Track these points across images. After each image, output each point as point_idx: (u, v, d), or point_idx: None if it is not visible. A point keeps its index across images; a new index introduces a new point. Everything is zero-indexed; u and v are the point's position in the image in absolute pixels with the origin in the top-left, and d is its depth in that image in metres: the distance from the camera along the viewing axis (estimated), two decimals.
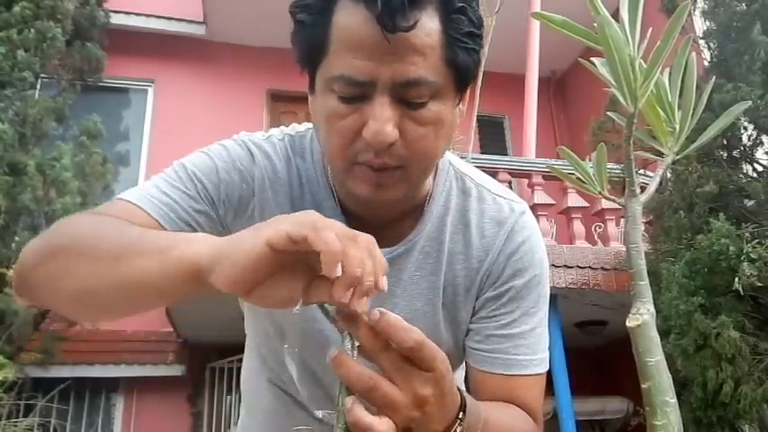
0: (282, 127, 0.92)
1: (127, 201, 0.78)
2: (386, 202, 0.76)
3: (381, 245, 0.86)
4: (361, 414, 0.54)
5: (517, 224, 0.88)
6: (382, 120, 0.68)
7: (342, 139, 0.71)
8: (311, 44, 0.71)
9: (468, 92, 0.78)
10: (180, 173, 0.82)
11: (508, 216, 0.88)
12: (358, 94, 0.69)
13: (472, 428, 0.64)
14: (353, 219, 0.85)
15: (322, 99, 0.73)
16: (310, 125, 0.91)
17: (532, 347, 0.86)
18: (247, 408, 1.10)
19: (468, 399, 0.65)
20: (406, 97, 0.69)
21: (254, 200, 0.85)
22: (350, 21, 0.67)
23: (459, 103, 0.77)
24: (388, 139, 0.68)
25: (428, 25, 0.67)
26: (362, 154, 0.71)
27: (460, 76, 0.72)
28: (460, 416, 0.62)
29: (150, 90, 7.69)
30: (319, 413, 0.91)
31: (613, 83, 0.48)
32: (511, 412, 0.83)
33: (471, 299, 0.89)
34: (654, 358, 0.54)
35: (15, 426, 4.28)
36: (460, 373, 1.03)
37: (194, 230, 0.78)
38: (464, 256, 0.88)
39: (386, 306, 0.57)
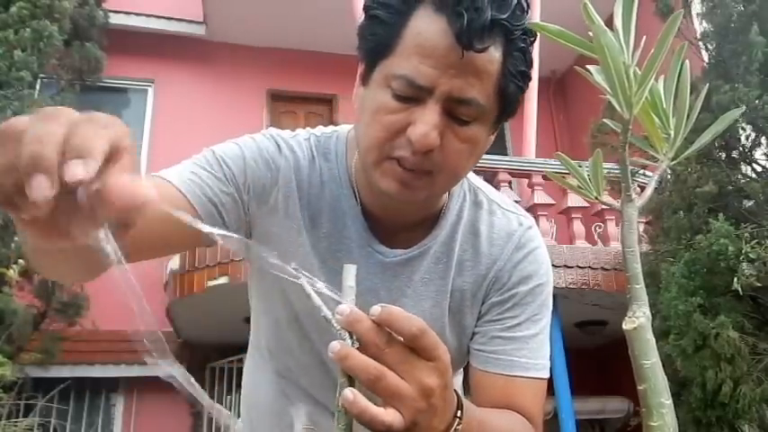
0: (309, 128, 0.96)
1: (160, 177, 0.81)
2: (405, 202, 0.80)
3: (398, 246, 0.90)
4: (366, 404, 0.54)
5: (524, 236, 0.93)
6: (431, 125, 0.72)
7: (384, 132, 0.74)
8: (381, 40, 0.75)
9: (499, 126, 0.82)
10: (209, 157, 0.86)
11: (516, 229, 0.93)
12: (413, 96, 0.73)
13: (469, 429, 0.65)
14: (373, 220, 0.89)
15: (375, 92, 0.76)
16: (336, 128, 0.95)
17: (534, 352, 0.89)
18: (247, 408, 1.11)
19: (464, 398, 0.66)
20: (455, 112, 0.73)
21: (276, 189, 0.88)
22: (427, 28, 0.71)
23: (492, 133, 0.82)
24: (432, 143, 0.72)
25: (493, 54, 0.72)
26: (399, 150, 0.74)
27: (505, 107, 0.77)
28: (458, 414, 0.63)
29: (150, 90, 7.70)
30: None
31: (609, 90, 0.49)
32: (509, 417, 0.84)
33: (477, 303, 0.92)
34: (650, 360, 0.55)
35: (15, 426, 4.29)
36: (459, 378, 1.05)
37: (219, 210, 0.82)
38: (473, 263, 0.92)
39: (395, 305, 0.57)
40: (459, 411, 0.63)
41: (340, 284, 0.59)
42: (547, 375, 0.90)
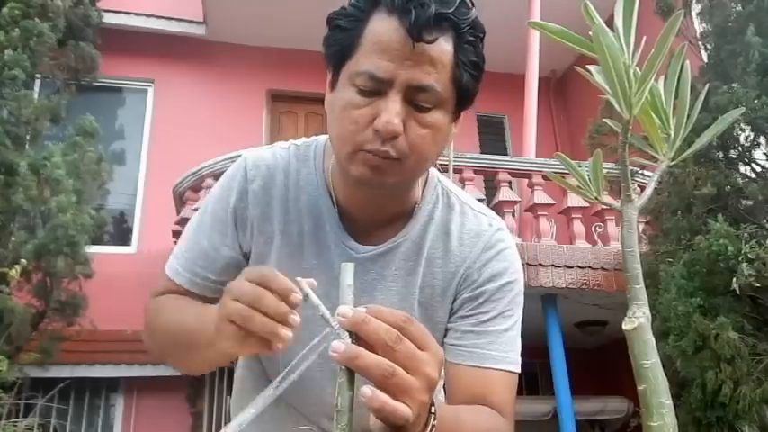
0: (292, 140, 1.03)
1: (171, 279, 0.98)
2: (379, 188, 0.85)
3: (371, 243, 0.95)
4: (386, 398, 0.56)
5: (494, 237, 0.98)
6: (393, 113, 0.79)
7: (354, 125, 0.81)
8: (343, 44, 0.83)
9: (460, 117, 0.90)
10: (199, 223, 0.99)
11: (486, 230, 0.99)
12: (376, 89, 0.80)
13: (444, 423, 0.67)
14: (348, 219, 0.95)
15: (342, 92, 0.83)
16: (317, 137, 1.02)
17: (505, 346, 0.93)
18: (236, 409, 1.16)
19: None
20: (416, 100, 0.81)
21: (250, 216, 0.96)
22: (382, 28, 0.80)
23: (454, 122, 0.88)
24: (396, 129, 0.79)
25: (444, 45, 0.80)
26: (369, 143, 0.80)
27: (461, 95, 0.85)
28: (432, 410, 0.65)
29: (150, 90, 7.69)
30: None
31: (609, 90, 0.49)
32: (480, 411, 0.87)
33: (448, 299, 0.97)
34: (649, 361, 0.55)
35: (15, 426, 4.29)
36: (439, 383, 1.07)
37: (216, 281, 0.96)
38: (442, 261, 0.97)
39: (366, 298, 0.60)
40: (432, 407, 0.65)
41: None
42: (518, 370, 0.94)
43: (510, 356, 0.93)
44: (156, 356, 0.98)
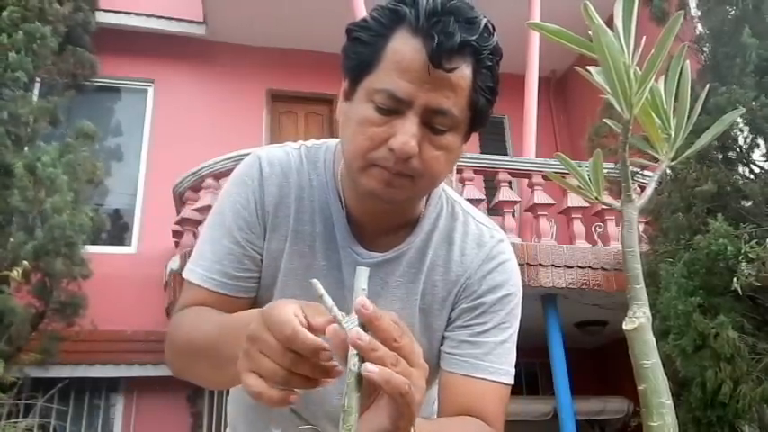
0: (301, 141, 1.04)
1: (197, 285, 0.95)
2: (389, 201, 0.86)
3: (376, 249, 0.96)
4: (392, 371, 0.59)
5: (495, 249, 1.00)
6: (410, 134, 0.80)
7: (369, 142, 0.82)
8: (363, 59, 0.83)
9: (471, 136, 0.91)
10: (219, 223, 0.97)
11: (488, 241, 1.00)
12: (394, 108, 0.80)
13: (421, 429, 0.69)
14: (356, 224, 0.96)
15: (359, 106, 0.84)
16: (326, 140, 1.03)
17: (500, 357, 0.94)
18: (233, 401, 1.17)
19: None
20: (432, 122, 0.82)
21: (267, 213, 0.96)
22: (405, 48, 0.80)
23: (465, 142, 0.90)
24: (411, 151, 0.80)
25: (464, 71, 0.81)
26: (382, 160, 0.82)
27: (476, 118, 0.86)
28: None
29: (150, 90, 7.70)
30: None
31: (609, 90, 0.49)
32: (464, 421, 0.88)
33: (447, 308, 0.98)
34: (650, 361, 0.55)
35: (15, 426, 4.29)
36: (434, 390, 1.07)
37: (247, 278, 0.95)
38: (444, 269, 0.98)
39: None
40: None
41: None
42: (511, 382, 0.95)
43: (503, 368, 0.94)
44: (177, 371, 0.94)
